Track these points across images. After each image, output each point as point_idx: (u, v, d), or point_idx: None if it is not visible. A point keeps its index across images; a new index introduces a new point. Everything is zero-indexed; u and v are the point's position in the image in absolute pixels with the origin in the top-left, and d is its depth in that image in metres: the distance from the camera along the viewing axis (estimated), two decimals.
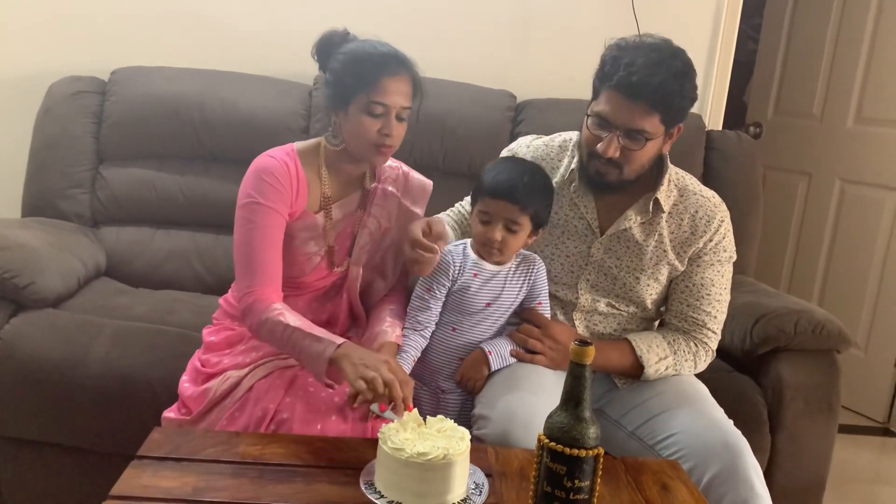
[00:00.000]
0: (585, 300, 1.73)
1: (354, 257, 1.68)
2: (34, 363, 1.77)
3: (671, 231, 1.69)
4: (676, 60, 1.55)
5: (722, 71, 2.65)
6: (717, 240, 1.69)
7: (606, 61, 1.58)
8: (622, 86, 1.53)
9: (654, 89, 1.51)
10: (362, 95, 1.53)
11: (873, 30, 3.11)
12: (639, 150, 1.58)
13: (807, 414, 1.91)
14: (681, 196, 1.71)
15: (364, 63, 1.54)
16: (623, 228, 1.69)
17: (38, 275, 1.87)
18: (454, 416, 1.50)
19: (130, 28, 2.52)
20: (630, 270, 1.70)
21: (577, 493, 1.11)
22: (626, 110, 1.55)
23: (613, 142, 1.57)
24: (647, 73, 1.51)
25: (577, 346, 1.10)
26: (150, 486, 1.20)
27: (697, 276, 1.70)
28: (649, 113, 1.54)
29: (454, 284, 1.63)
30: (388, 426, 1.25)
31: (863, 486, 2.68)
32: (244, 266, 1.56)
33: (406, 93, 1.57)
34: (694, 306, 1.71)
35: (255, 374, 1.55)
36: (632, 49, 1.56)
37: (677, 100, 1.55)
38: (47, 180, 2.29)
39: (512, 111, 2.46)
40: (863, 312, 3.17)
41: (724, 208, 1.73)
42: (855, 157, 3.20)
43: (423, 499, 1.19)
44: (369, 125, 1.54)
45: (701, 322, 1.71)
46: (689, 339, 1.71)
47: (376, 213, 1.69)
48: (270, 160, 1.58)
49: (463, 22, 2.57)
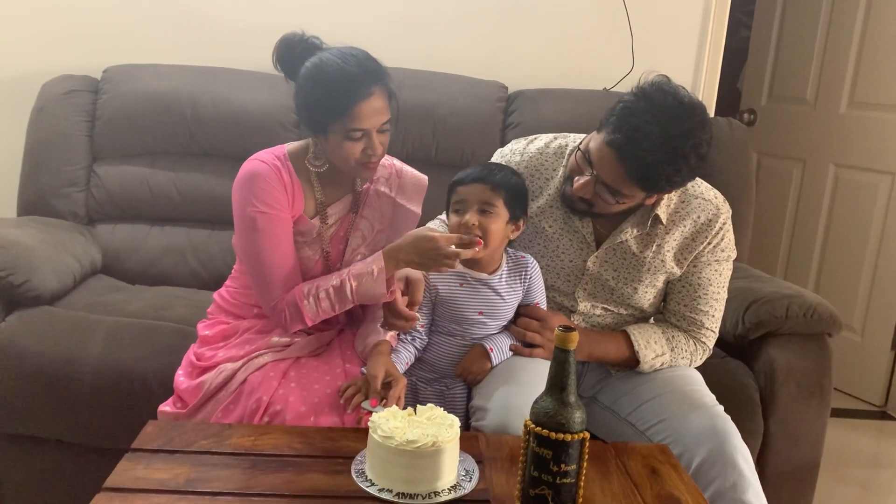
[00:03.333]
0: (584, 307, 1.73)
1: (346, 260, 1.66)
2: (31, 360, 1.78)
3: (672, 238, 1.66)
4: (685, 141, 1.44)
5: (713, 58, 2.65)
6: (716, 241, 1.67)
7: (616, 112, 1.48)
8: (615, 146, 1.46)
9: (644, 167, 1.44)
10: (338, 123, 1.49)
11: (865, 15, 3.10)
12: (611, 206, 1.55)
13: (799, 397, 1.91)
14: (681, 202, 1.66)
15: (332, 92, 1.47)
16: (619, 241, 1.67)
17: (33, 273, 1.88)
18: (460, 408, 1.52)
19: (122, 26, 2.52)
20: (628, 281, 1.69)
21: (564, 476, 1.13)
22: (612, 170, 1.49)
23: (589, 185, 1.53)
24: (645, 147, 1.42)
25: (561, 332, 1.11)
26: (143, 478, 1.21)
27: (695, 276, 1.69)
28: (632, 183, 1.48)
29: (436, 295, 1.62)
30: (379, 415, 1.26)
31: (860, 470, 2.69)
32: (261, 279, 1.56)
33: (382, 108, 1.51)
34: (692, 306, 1.70)
35: (249, 367, 1.56)
36: (642, 112, 1.44)
37: (664, 183, 1.49)
38: (42, 179, 2.30)
39: (503, 102, 2.46)
40: (858, 296, 3.18)
41: (727, 208, 1.69)
42: (849, 141, 3.20)
43: (413, 486, 1.21)
44: (352, 149, 1.51)
45: (699, 322, 1.71)
46: (689, 338, 1.71)
47: (368, 216, 1.68)
48: (261, 165, 1.54)
49: (453, 13, 2.58)
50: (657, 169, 1.44)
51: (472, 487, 1.24)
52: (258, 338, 1.63)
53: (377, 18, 2.36)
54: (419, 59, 2.45)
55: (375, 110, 1.50)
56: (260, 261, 1.54)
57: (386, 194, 1.69)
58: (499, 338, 1.65)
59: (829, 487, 2.43)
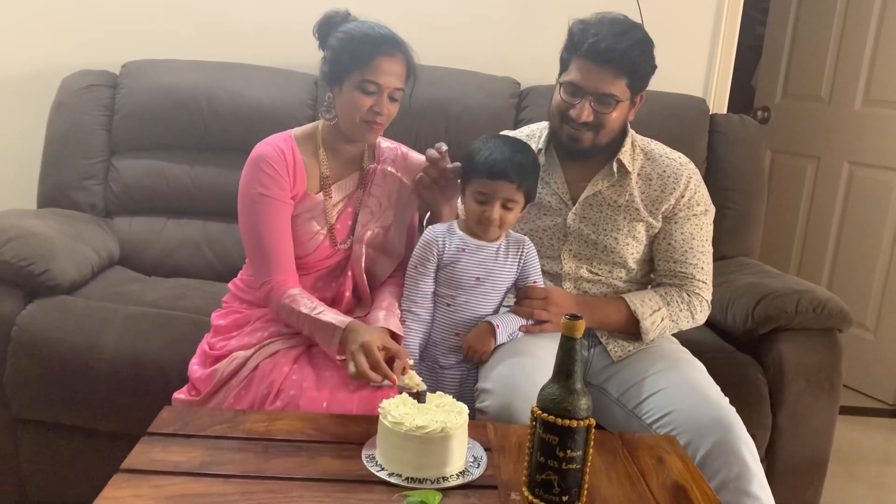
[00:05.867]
0: (570, 267, 1.79)
1: (357, 235, 1.72)
2: (50, 348, 1.82)
3: (641, 191, 1.77)
4: (637, 31, 1.68)
5: (726, 54, 2.66)
6: (688, 195, 1.77)
7: (574, 34, 1.70)
8: (591, 53, 1.64)
9: (621, 55, 1.63)
10: (356, 73, 1.58)
11: (881, 12, 3.09)
12: (610, 113, 1.68)
13: (808, 393, 1.92)
14: (647, 159, 1.80)
15: (360, 42, 1.59)
16: (593, 193, 1.77)
17: (52, 262, 1.92)
18: (453, 392, 1.53)
19: (140, 23, 2.56)
20: (607, 232, 1.77)
21: (570, 462, 1.15)
22: (597, 76, 1.65)
23: (586, 107, 1.67)
24: (613, 41, 1.63)
25: (567, 321, 1.13)
26: (159, 461, 1.24)
27: (677, 233, 1.77)
28: (617, 77, 1.65)
29: (441, 259, 1.67)
30: (388, 401, 1.29)
31: (871, 467, 2.69)
32: (256, 258, 1.64)
33: (399, 74, 1.62)
34: (679, 261, 1.77)
35: (261, 354, 1.60)
36: (596, 23, 1.68)
37: (642, 65, 1.68)
38: (61, 172, 2.35)
39: (516, 98, 2.47)
40: (872, 295, 3.17)
41: (692, 167, 1.81)
42: (863, 139, 3.19)
43: (423, 471, 1.23)
44: (362, 102, 1.59)
45: (689, 275, 1.77)
46: (682, 291, 1.77)
47: (376, 193, 1.74)
48: (265, 148, 1.64)
49: (466, 10, 2.60)
50: (631, 53, 1.64)
51: (480, 473, 1.26)
52: (270, 326, 1.66)
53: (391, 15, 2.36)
54: (432, 55, 2.45)
55: (393, 71, 1.60)
56: (256, 240, 1.62)
57: (392, 174, 1.76)
58: (505, 317, 1.69)
59: (840, 485, 2.43)
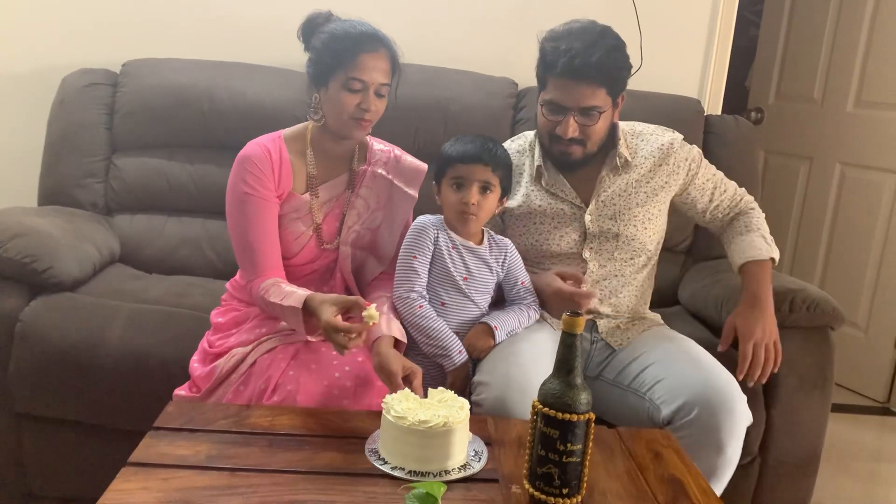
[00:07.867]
0: (593, 266, 1.85)
1: (343, 237, 1.74)
2: (53, 344, 1.83)
3: (643, 167, 1.85)
4: (608, 37, 1.70)
5: (720, 55, 2.68)
6: (683, 154, 1.88)
7: (547, 52, 1.72)
8: (567, 71, 1.67)
9: (596, 68, 1.66)
10: (341, 72, 1.60)
11: (873, 14, 3.13)
12: (594, 124, 1.73)
13: (801, 390, 1.95)
14: (634, 137, 1.88)
15: (342, 41, 1.60)
16: (604, 189, 1.83)
17: (55, 260, 1.93)
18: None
19: (141, 22, 2.58)
20: (627, 221, 1.83)
21: (570, 455, 1.17)
22: (576, 91, 1.69)
23: (571, 122, 1.72)
24: (586, 55, 1.65)
25: (568, 318, 1.16)
26: (166, 454, 1.26)
27: (697, 190, 1.91)
28: (596, 89, 1.69)
29: (434, 248, 1.69)
30: (392, 396, 1.31)
31: (863, 464, 2.72)
32: (242, 256, 1.66)
33: (384, 69, 1.63)
34: (718, 200, 1.93)
35: (259, 350, 1.62)
36: (565, 36, 1.70)
37: (618, 71, 1.72)
38: (62, 170, 2.36)
39: (514, 98, 2.50)
40: (863, 294, 3.21)
41: (675, 133, 1.90)
42: (855, 140, 3.22)
43: (425, 464, 1.25)
44: (348, 100, 1.60)
45: (735, 201, 1.95)
46: (746, 213, 1.95)
47: (364, 195, 1.75)
48: (252, 147, 1.66)
49: (465, 10, 2.62)
50: (604, 63, 1.67)
51: (481, 467, 1.29)
52: (268, 322, 1.68)
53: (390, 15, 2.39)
54: (431, 55, 2.49)
55: (377, 67, 1.61)
56: (242, 239, 1.65)
57: (383, 176, 1.76)
58: (503, 317, 1.71)
59: (832, 481, 2.46)
